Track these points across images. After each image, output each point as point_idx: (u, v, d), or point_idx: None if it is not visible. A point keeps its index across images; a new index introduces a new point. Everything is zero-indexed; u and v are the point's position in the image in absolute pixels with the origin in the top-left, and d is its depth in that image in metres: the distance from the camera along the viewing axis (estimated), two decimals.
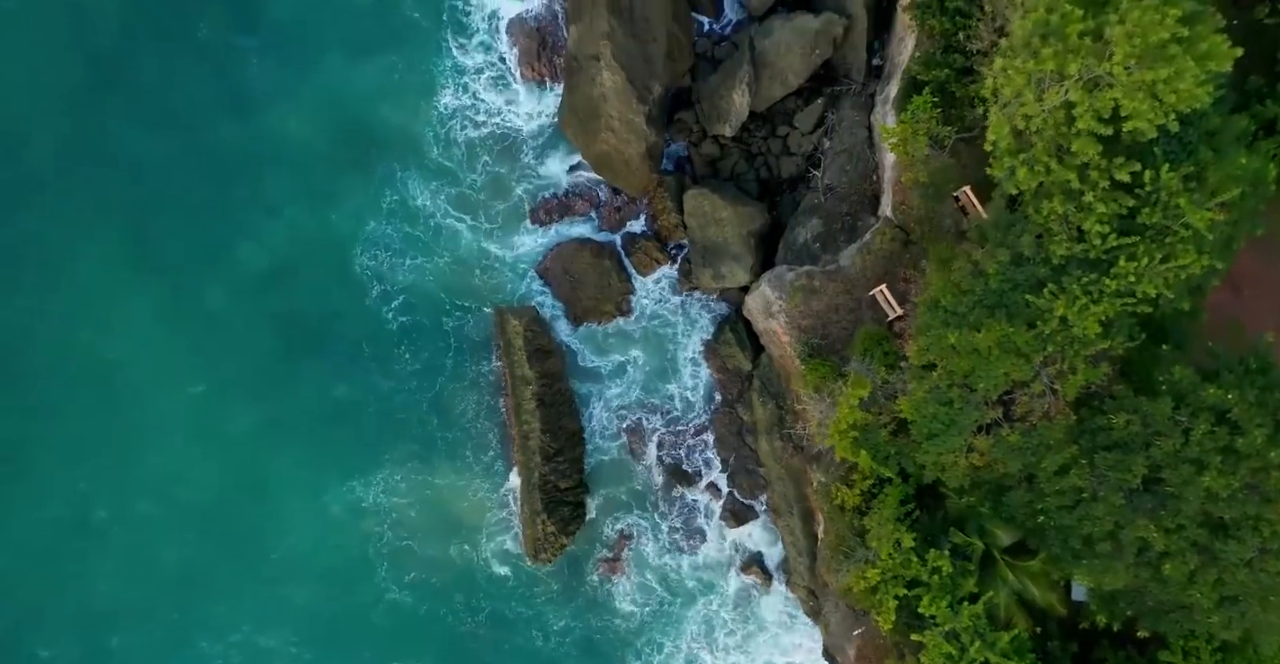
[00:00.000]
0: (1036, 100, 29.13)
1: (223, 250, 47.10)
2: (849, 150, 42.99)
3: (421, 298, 48.09)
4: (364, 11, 46.85)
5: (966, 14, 34.14)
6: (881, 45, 44.24)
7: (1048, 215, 30.30)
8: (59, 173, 45.85)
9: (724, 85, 44.14)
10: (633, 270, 48.49)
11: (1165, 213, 29.29)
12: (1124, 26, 27.26)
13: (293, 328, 47.74)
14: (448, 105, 47.24)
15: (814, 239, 41.50)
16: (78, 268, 46.40)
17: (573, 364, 48.72)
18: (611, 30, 42.25)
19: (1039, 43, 28.61)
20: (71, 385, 46.79)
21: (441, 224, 47.86)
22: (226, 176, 46.88)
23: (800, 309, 38.64)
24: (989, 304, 30.92)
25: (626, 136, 43.93)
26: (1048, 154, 29.89)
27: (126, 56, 46.10)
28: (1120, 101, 27.73)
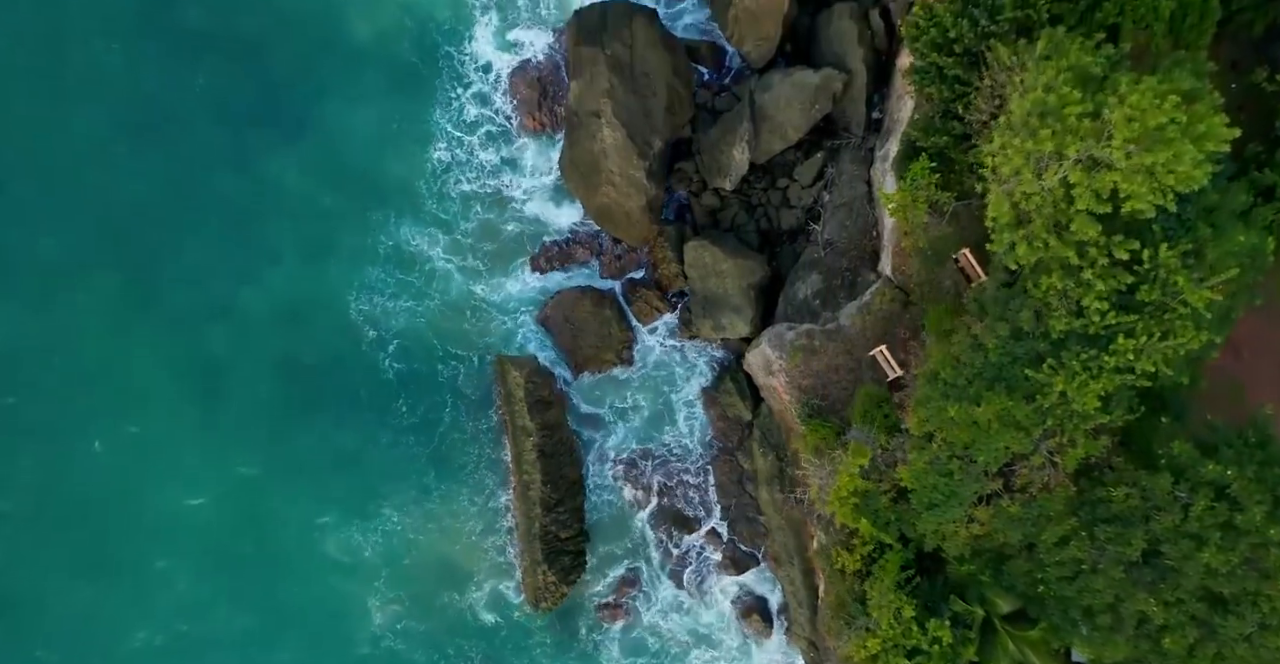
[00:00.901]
0: (1035, 179, 29.24)
1: (222, 296, 47.29)
2: (848, 204, 43.12)
3: (424, 345, 48.28)
4: (365, 61, 47.04)
5: (965, 82, 34.23)
6: (881, 99, 44.40)
7: (1047, 290, 30.41)
8: (63, 220, 46.05)
9: (724, 139, 44.30)
10: (634, 319, 48.62)
11: (1164, 290, 29.39)
12: (1123, 110, 27.39)
13: (296, 374, 47.89)
14: (447, 155, 47.42)
15: (814, 295, 41.60)
16: (80, 314, 46.56)
17: (574, 412, 48.83)
18: (612, 87, 42.42)
19: (1037, 122, 28.74)
20: (74, 431, 46.93)
21: (441, 272, 48.06)
22: (226, 223, 47.08)
23: (800, 369, 38.74)
24: (988, 377, 31.02)
25: (627, 190, 44.10)
26: (1047, 230, 29.99)
27: (128, 106, 46.35)
28: (1119, 184, 27.85)
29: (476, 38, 46.93)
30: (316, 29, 46.52)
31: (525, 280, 48.46)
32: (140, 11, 46.09)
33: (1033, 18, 32.28)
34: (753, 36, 44.52)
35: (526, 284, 48.48)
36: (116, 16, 46.02)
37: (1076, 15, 32.15)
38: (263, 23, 46.23)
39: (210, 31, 46.18)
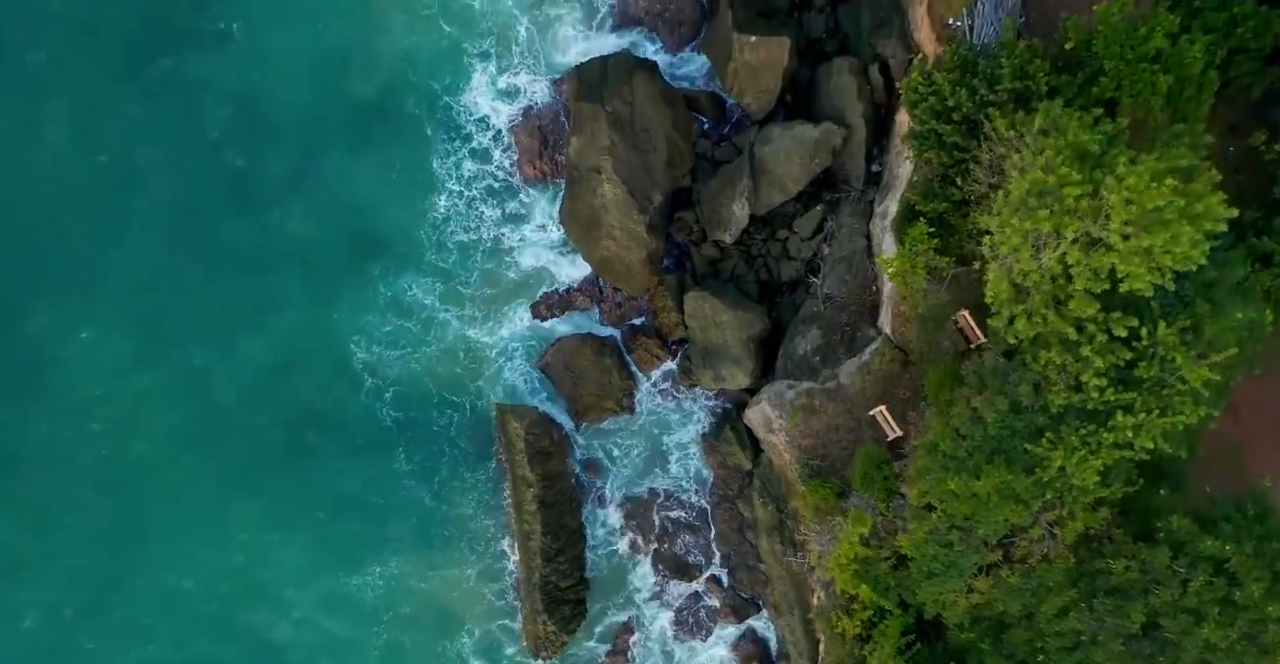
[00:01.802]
0: (1033, 257, 29.38)
1: (223, 345, 47.54)
2: (848, 259, 43.24)
3: (424, 393, 48.46)
4: (366, 113, 47.17)
5: (964, 148, 34.36)
6: (880, 152, 44.53)
7: (1045, 365, 30.51)
8: (69, 270, 46.25)
9: (724, 193, 44.44)
10: (634, 366, 48.73)
11: (1162, 367, 29.51)
12: (1121, 192, 27.51)
13: (296, 421, 48.11)
14: (447, 204, 47.56)
15: (814, 351, 41.71)
16: (86, 363, 46.78)
17: (574, 459, 48.95)
18: (612, 144, 42.58)
19: (1035, 202, 28.88)
20: (77, 474, 47.17)
21: (441, 320, 48.30)
22: (227, 272, 47.26)
23: (800, 428, 38.86)
24: (988, 450, 31.12)
25: (628, 244, 44.25)
26: (1045, 305, 30.11)
27: (134, 157, 46.47)
28: (1117, 265, 27.98)
29: (475, 88, 47.09)
30: (317, 81, 46.73)
31: (525, 327, 48.59)
32: (142, 63, 46.20)
33: (1031, 89, 32.45)
34: (752, 89, 44.67)
35: (527, 331, 48.61)
36: (122, 68, 46.11)
37: (1074, 87, 32.31)
38: (265, 75, 46.43)
39: (214, 84, 46.36)
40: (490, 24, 47.08)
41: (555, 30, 47.23)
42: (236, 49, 46.17)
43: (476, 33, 46.99)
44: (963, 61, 34.33)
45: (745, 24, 44.03)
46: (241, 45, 46.16)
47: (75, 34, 46.27)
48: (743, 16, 44.23)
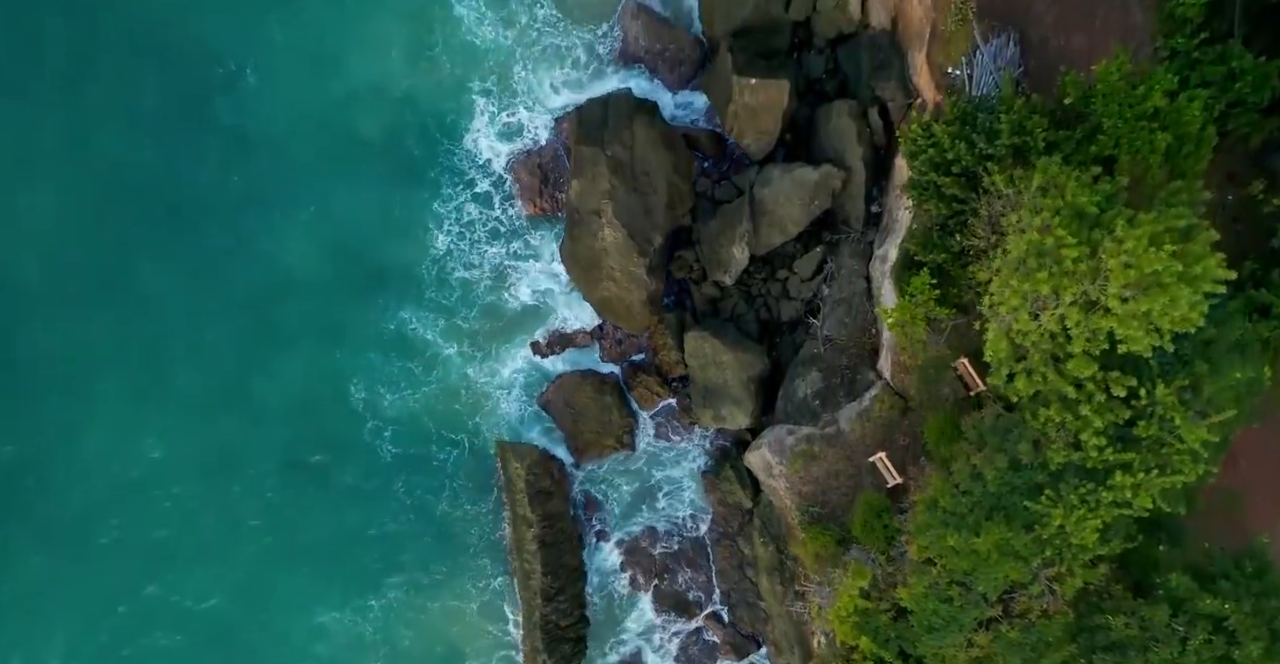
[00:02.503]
0: (1032, 318, 29.48)
1: (224, 381, 47.55)
2: (847, 301, 43.34)
3: (425, 429, 48.59)
4: (370, 153, 47.21)
5: (963, 200, 34.47)
6: (880, 192, 44.66)
7: (1045, 422, 30.58)
8: (74, 308, 46.34)
9: (724, 234, 44.57)
10: (635, 404, 48.82)
11: (1161, 426, 29.60)
12: (1119, 256, 27.61)
13: (297, 457, 48.22)
14: (449, 241, 47.67)
15: (813, 395, 41.81)
16: (92, 401, 46.91)
17: (575, 496, 49.03)
18: (613, 188, 42.72)
19: (1033, 263, 28.98)
20: (84, 511, 47.24)
21: (442, 356, 48.48)
22: (233, 309, 47.34)
23: (800, 475, 38.95)
24: (987, 506, 31.21)
25: (628, 285, 44.38)
26: (1044, 364, 30.21)
27: (141, 195, 46.51)
28: (1115, 329, 28.08)
29: (477, 128, 47.22)
30: (325, 122, 46.82)
31: (526, 364, 48.72)
32: (153, 103, 46.22)
33: (1029, 144, 32.55)
34: (752, 130, 44.81)
35: (527, 367, 48.74)
36: (133, 106, 46.14)
37: (1072, 143, 32.42)
38: (274, 116, 46.50)
39: (222, 124, 46.45)
40: (491, 62, 47.22)
41: (556, 68, 47.35)
42: (246, 90, 46.24)
43: (478, 71, 47.14)
44: (962, 114, 34.48)
45: (745, 66, 44.16)
46: (251, 87, 46.25)
47: (86, 75, 46.27)
48: (742, 59, 44.37)
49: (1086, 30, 37.43)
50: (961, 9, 37.54)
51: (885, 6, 43.17)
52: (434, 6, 46.59)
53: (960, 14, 37.61)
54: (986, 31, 37.31)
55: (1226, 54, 34.33)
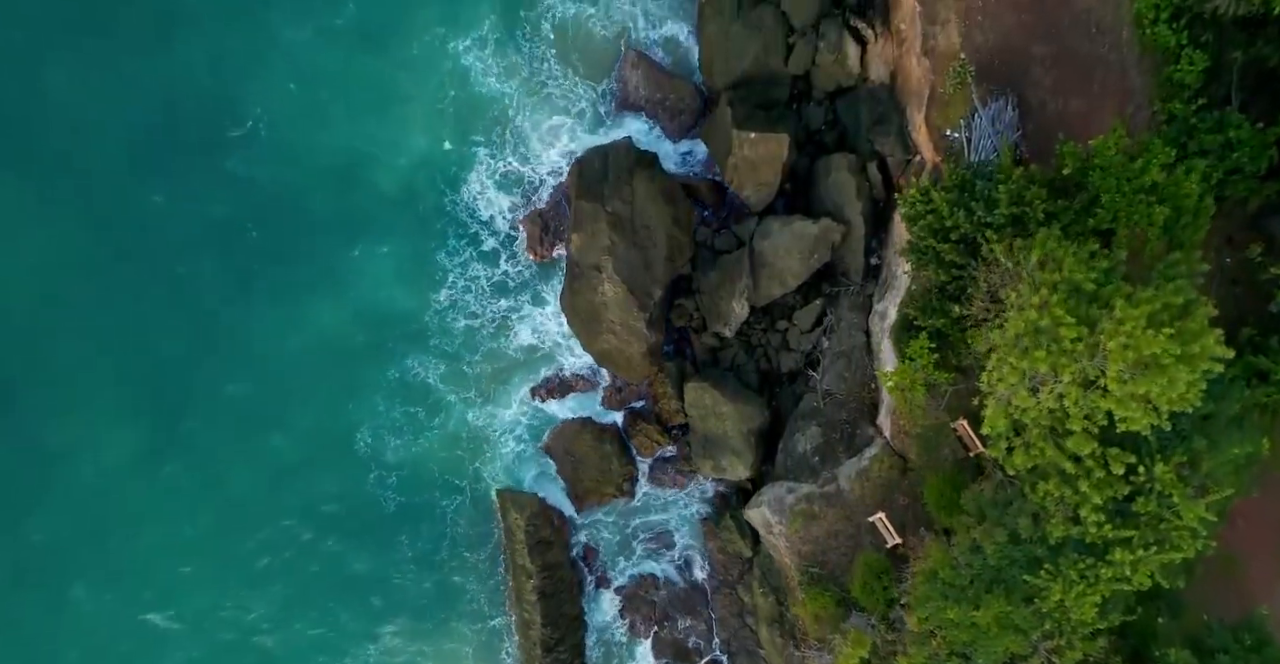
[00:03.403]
0: (1030, 395, 29.59)
1: (230, 432, 47.51)
2: (847, 354, 43.44)
3: (427, 476, 48.56)
4: (381, 208, 47.16)
5: (962, 266, 34.60)
6: (879, 244, 44.75)
7: (1044, 496, 30.72)
8: (80, 361, 46.28)
9: (724, 287, 44.69)
10: (635, 451, 48.89)
11: (1160, 502, 29.73)
12: (1118, 338, 27.73)
13: (299, 504, 48.21)
14: (452, 290, 47.58)
15: (813, 451, 41.90)
16: (96, 450, 46.95)
17: (575, 544, 49.07)
18: (613, 244, 42.86)
19: (1031, 342, 29.10)
20: (87, 553, 47.23)
21: (445, 403, 48.36)
22: (237, 358, 47.27)
23: (800, 534, 39.05)
24: (987, 579, 31.32)
25: (628, 338, 44.49)
26: (1043, 439, 30.33)
27: (147, 244, 46.47)
28: (1114, 410, 28.20)
29: (481, 178, 47.05)
30: (328, 173, 46.78)
31: (527, 410, 48.75)
32: (162, 159, 46.23)
33: (1028, 215, 32.70)
34: (752, 182, 44.93)
35: (528, 414, 48.77)
36: (142, 162, 46.18)
37: (1071, 214, 32.57)
38: (283, 171, 46.50)
39: (232, 179, 46.41)
40: (496, 113, 47.16)
41: (558, 117, 47.39)
42: (255, 142, 46.22)
43: (483, 122, 47.05)
44: (960, 181, 34.63)
45: (745, 119, 44.30)
46: (260, 138, 46.24)
47: (95, 124, 46.24)
48: (742, 112, 44.52)
49: (1085, 93, 37.64)
50: (960, 72, 37.74)
51: (884, 61, 43.36)
52: (441, 59, 46.61)
53: (959, 77, 37.80)
54: (985, 95, 37.50)
55: (1224, 122, 34.62)
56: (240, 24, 46.84)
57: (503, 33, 46.85)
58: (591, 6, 47.02)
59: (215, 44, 46.60)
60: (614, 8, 47.11)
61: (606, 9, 47.10)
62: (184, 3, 46.58)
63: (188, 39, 46.63)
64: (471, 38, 46.69)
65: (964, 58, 37.75)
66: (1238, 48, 35.34)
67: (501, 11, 46.87)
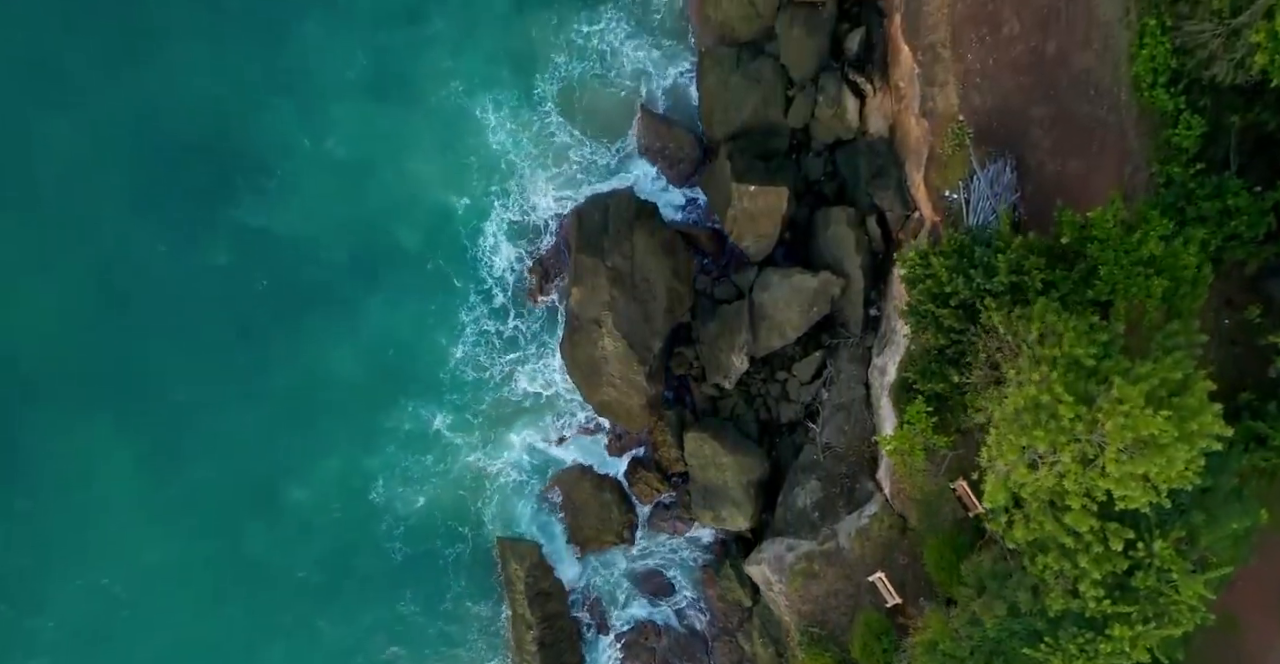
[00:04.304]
0: (1029, 470, 29.65)
1: (238, 482, 47.38)
2: (846, 407, 43.52)
3: (433, 525, 48.38)
4: (390, 253, 47.30)
5: (961, 331, 34.67)
6: (878, 296, 44.84)
7: (1043, 569, 30.78)
8: (88, 408, 46.16)
9: (723, 339, 44.77)
10: (635, 499, 48.94)
11: (1159, 577, 29.77)
12: (1116, 418, 27.77)
13: (308, 554, 48.11)
14: (462, 339, 47.59)
15: (813, 507, 41.97)
16: (106, 502, 46.71)
17: (575, 591, 49.10)
18: (612, 300, 42.98)
19: (1030, 419, 29.16)
20: (94, 607, 47.00)
21: (451, 451, 48.22)
22: (248, 408, 47.13)
23: (800, 593, 39.09)
24: (986, 651, 31.36)
25: (628, 391, 44.57)
26: (1042, 513, 30.40)
27: (162, 294, 46.55)
28: (1113, 489, 28.27)
29: (493, 230, 47.32)
30: (341, 226, 46.94)
31: (530, 458, 48.79)
32: (181, 210, 46.38)
33: (1027, 283, 32.77)
34: (752, 234, 45.06)
35: (531, 461, 48.82)
36: (160, 212, 46.32)
37: (1069, 284, 32.64)
38: (293, 219, 46.63)
39: (245, 225, 46.57)
40: (507, 164, 47.28)
41: (568, 166, 47.62)
42: (266, 196, 46.41)
43: (495, 175, 47.28)
44: (959, 247, 34.67)
45: (745, 171, 44.46)
46: (270, 193, 46.40)
47: (111, 172, 46.37)
48: (741, 163, 44.67)
49: (1083, 155, 37.74)
50: (959, 134, 37.87)
51: (883, 115, 43.50)
52: (453, 113, 46.92)
53: (957, 139, 37.93)
54: (983, 156, 37.61)
55: (1222, 188, 34.70)
56: (250, 74, 47.01)
57: (515, 85, 47.28)
58: (600, 64, 47.44)
59: (224, 93, 46.72)
60: (620, 62, 47.47)
61: (612, 63, 47.47)
62: (191, 52, 46.76)
63: (196, 88, 46.72)
64: (483, 91, 47.06)
65: (962, 119, 37.90)
66: (1235, 112, 35.47)
67: (513, 65, 47.30)
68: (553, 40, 47.51)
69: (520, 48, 47.58)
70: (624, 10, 47.55)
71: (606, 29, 47.38)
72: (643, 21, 47.62)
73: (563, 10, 47.51)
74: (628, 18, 47.57)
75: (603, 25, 47.43)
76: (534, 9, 47.57)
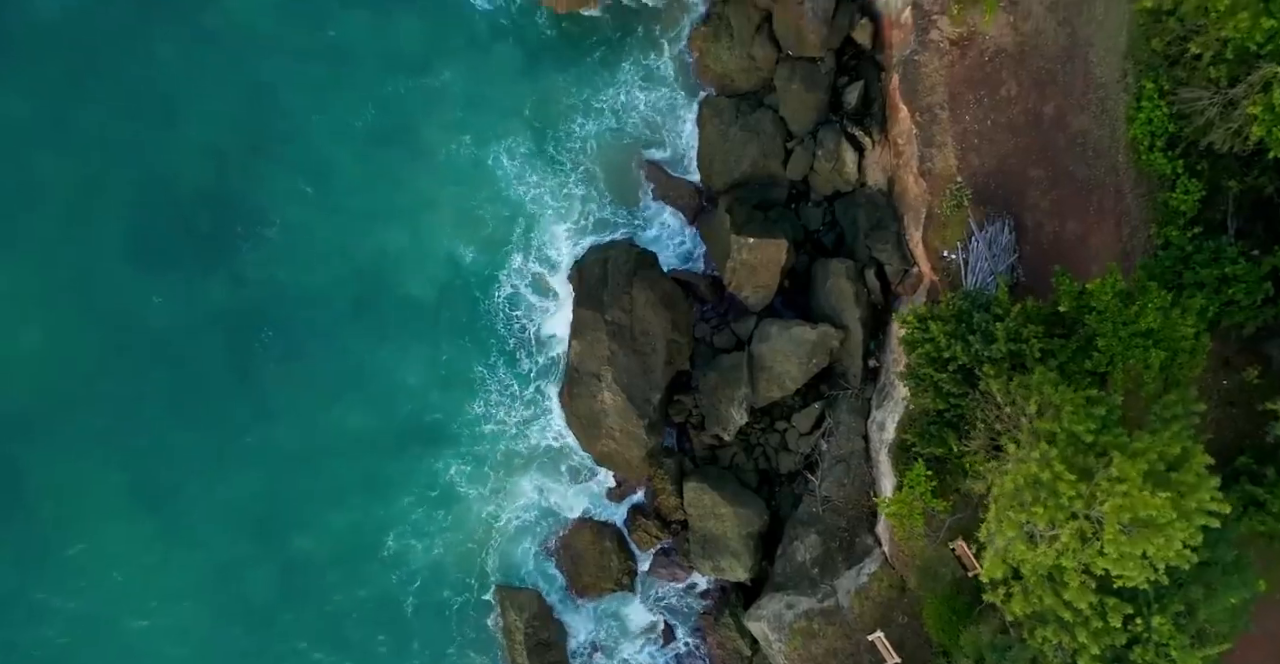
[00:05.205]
0: (1029, 548, 29.72)
1: (251, 533, 47.23)
2: (845, 460, 43.57)
3: (442, 575, 47.84)
4: (400, 306, 47.18)
5: (959, 396, 34.75)
6: (878, 347, 44.88)
7: (1042, 642, 30.85)
8: (95, 470, 45.81)
9: (723, 391, 44.79)
10: (634, 546, 48.95)
11: (1158, 652, 29.83)
12: (1114, 499, 27.85)
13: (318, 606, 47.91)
14: (481, 401, 47.45)
15: (812, 562, 41.99)
16: (112, 558, 46.30)
17: (575, 639, 49.03)
18: (612, 355, 43.07)
19: (1030, 496, 29.24)
20: None
21: (462, 502, 47.84)
22: (259, 462, 46.89)
23: (800, 653, 39.12)
24: None
25: (627, 443, 44.64)
26: (1041, 586, 30.46)
27: (160, 349, 46.29)
28: (1111, 568, 28.33)
29: (508, 283, 47.40)
30: (346, 276, 46.98)
31: (539, 508, 48.64)
32: (191, 260, 46.37)
33: (1025, 351, 32.87)
34: (751, 284, 45.16)
35: (539, 511, 48.66)
36: (166, 264, 46.26)
37: (1068, 353, 32.73)
38: (299, 270, 46.63)
39: (248, 278, 46.53)
40: (521, 216, 47.37)
41: (578, 220, 47.81)
42: (268, 246, 46.38)
43: (508, 226, 47.33)
44: (958, 312, 34.78)
45: (744, 223, 44.61)
46: (273, 243, 46.38)
47: (110, 221, 46.28)
48: (741, 214, 44.82)
49: (1081, 216, 37.90)
50: (957, 195, 37.99)
51: (882, 169, 43.65)
52: (466, 164, 47.09)
53: (956, 199, 38.06)
54: (982, 217, 37.74)
55: (1220, 253, 34.80)
56: (253, 121, 47.01)
57: (527, 136, 47.50)
58: (612, 114, 47.81)
59: (229, 142, 46.70)
60: (631, 113, 47.83)
61: (624, 114, 47.84)
62: (195, 99, 46.74)
63: (197, 137, 46.67)
64: (495, 142, 47.25)
65: (960, 181, 38.06)
66: (1233, 177, 35.61)
67: (525, 115, 47.52)
68: (563, 91, 47.74)
69: (532, 97, 47.75)
70: (635, 63, 47.86)
71: (618, 81, 47.69)
72: (653, 75, 47.94)
73: (573, 62, 47.80)
74: (638, 69, 47.87)
75: (614, 76, 47.72)
76: (543, 60, 47.86)
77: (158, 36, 47.03)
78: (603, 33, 48.09)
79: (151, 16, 47.20)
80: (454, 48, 48.10)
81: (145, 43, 47.02)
